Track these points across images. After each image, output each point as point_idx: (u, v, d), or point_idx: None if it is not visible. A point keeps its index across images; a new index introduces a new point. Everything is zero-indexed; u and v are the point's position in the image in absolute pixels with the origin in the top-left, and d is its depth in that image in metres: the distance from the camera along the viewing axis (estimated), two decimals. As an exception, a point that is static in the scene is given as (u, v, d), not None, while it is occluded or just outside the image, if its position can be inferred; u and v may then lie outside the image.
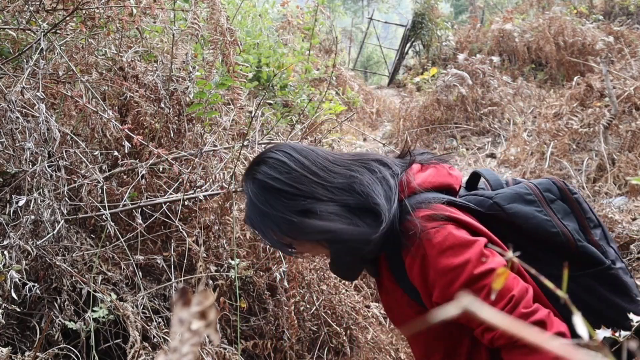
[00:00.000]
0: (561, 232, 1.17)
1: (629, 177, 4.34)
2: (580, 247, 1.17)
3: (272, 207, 1.18)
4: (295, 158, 1.20)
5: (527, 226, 1.19)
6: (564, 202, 1.24)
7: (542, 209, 1.20)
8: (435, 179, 1.23)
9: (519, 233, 1.20)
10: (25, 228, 1.96)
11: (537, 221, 1.18)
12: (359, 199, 1.17)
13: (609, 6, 9.77)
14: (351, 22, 21.11)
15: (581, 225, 1.22)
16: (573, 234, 1.18)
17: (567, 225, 1.19)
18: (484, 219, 1.22)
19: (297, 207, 1.17)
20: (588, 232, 1.21)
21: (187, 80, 2.70)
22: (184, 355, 0.46)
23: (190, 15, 2.76)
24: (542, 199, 1.22)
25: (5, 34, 2.46)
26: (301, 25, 6.08)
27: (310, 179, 1.18)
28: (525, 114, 6.92)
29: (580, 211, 1.24)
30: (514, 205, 1.20)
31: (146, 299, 2.23)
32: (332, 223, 1.14)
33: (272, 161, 1.21)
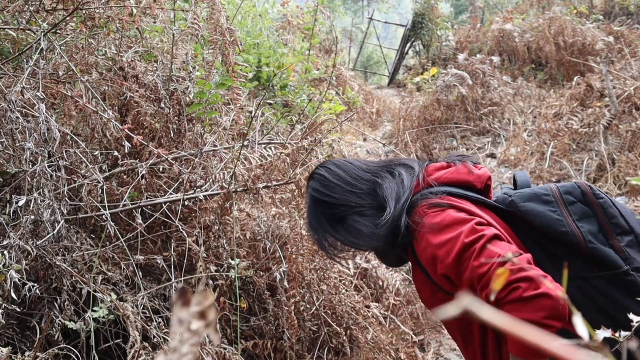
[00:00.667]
0: (571, 232, 1.21)
1: (629, 177, 4.34)
2: (591, 248, 1.20)
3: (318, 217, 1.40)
4: (334, 172, 1.41)
5: (537, 224, 1.24)
6: (586, 205, 1.27)
7: (556, 209, 1.25)
8: (452, 176, 1.33)
9: (534, 230, 1.26)
10: (25, 228, 1.96)
11: (548, 220, 1.23)
12: (379, 201, 1.33)
13: (609, 6, 9.77)
14: (351, 22, 21.11)
15: (602, 228, 1.24)
16: (585, 235, 1.22)
17: (581, 227, 1.23)
18: (505, 215, 1.31)
19: (334, 216, 1.37)
20: (610, 236, 1.23)
21: (187, 80, 2.69)
22: (183, 355, 0.46)
23: (190, 15, 2.76)
24: (559, 200, 1.27)
25: (5, 34, 2.46)
26: (301, 25, 6.08)
27: (344, 188, 1.37)
28: (525, 114, 6.92)
29: (603, 215, 1.26)
30: (528, 204, 1.27)
31: (146, 299, 2.23)
32: (355, 232, 1.33)
33: (316, 177, 1.43)
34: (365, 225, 1.33)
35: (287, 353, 2.55)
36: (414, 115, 7.22)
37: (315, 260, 2.76)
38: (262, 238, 2.67)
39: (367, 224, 1.33)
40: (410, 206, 1.29)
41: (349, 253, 1.56)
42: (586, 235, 1.22)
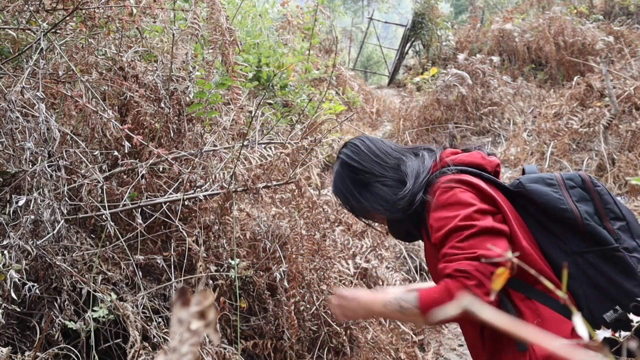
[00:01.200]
0: (570, 209, 1.37)
1: (628, 177, 4.34)
2: (587, 224, 1.35)
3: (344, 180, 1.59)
4: (366, 144, 1.60)
5: (541, 201, 1.40)
6: (584, 191, 1.42)
7: (558, 190, 1.41)
8: (467, 159, 1.50)
9: (537, 209, 1.41)
10: (25, 228, 1.96)
11: (550, 198, 1.39)
12: (401, 175, 1.53)
13: (609, 6, 9.77)
14: (351, 22, 21.11)
15: (597, 211, 1.39)
16: (582, 213, 1.37)
17: (579, 207, 1.38)
18: (511, 195, 1.46)
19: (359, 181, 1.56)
20: (604, 218, 1.38)
21: (187, 80, 2.69)
22: (183, 355, 0.46)
23: (190, 15, 2.76)
24: (562, 183, 1.43)
25: (5, 34, 2.46)
26: (301, 25, 6.08)
27: (372, 158, 1.57)
28: (525, 113, 6.92)
29: (599, 200, 1.41)
30: (534, 185, 1.43)
31: (146, 299, 2.23)
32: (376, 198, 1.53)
33: (350, 145, 1.62)
34: (387, 193, 1.51)
35: (287, 353, 2.55)
36: (414, 115, 7.22)
37: (315, 260, 2.76)
38: (262, 238, 2.67)
39: (388, 193, 1.51)
40: (427, 184, 1.47)
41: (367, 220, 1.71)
42: (583, 213, 1.37)
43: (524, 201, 1.44)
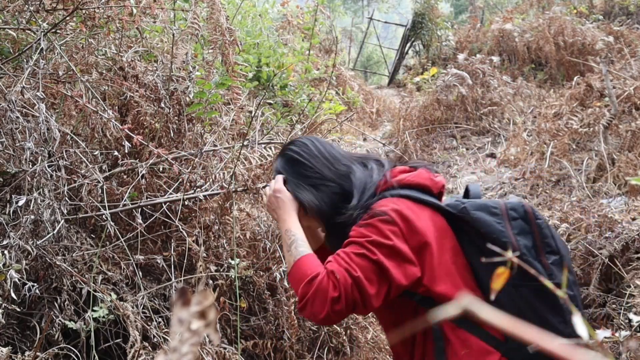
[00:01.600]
0: (510, 243, 1.37)
1: (628, 177, 4.34)
2: (525, 260, 1.35)
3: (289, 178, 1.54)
4: (317, 145, 1.56)
5: (484, 231, 1.40)
6: (525, 223, 1.43)
7: (501, 221, 1.41)
8: (413, 179, 1.47)
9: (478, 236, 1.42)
10: (25, 228, 1.96)
11: (493, 229, 1.40)
12: (349, 187, 1.50)
13: (608, 6, 9.77)
14: (351, 22, 21.10)
15: (535, 245, 1.40)
16: (521, 248, 1.38)
17: (519, 240, 1.39)
18: (454, 218, 1.45)
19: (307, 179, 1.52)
20: (540, 252, 1.40)
21: (187, 80, 2.69)
22: (183, 354, 0.46)
23: (190, 15, 2.76)
24: (505, 214, 1.43)
25: (5, 34, 2.46)
26: (301, 25, 6.08)
27: (323, 162, 1.52)
28: (525, 113, 6.92)
29: (538, 234, 1.42)
30: (478, 213, 1.42)
31: (146, 298, 2.24)
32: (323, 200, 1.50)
33: (299, 143, 1.58)
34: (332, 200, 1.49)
35: (287, 353, 2.55)
36: (414, 115, 7.22)
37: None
38: (262, 238, 2.67)
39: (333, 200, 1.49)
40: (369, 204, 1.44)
41: None
42: (522, 248, 1.38)
43: (466, 227, 1.44)
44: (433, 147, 6.89)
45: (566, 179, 4.90)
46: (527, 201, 1.59)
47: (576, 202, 4.02)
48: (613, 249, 3.21)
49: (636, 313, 2.71)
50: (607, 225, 3.37)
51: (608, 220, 3.41)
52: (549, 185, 4.91)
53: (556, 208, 4.07)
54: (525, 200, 4.91)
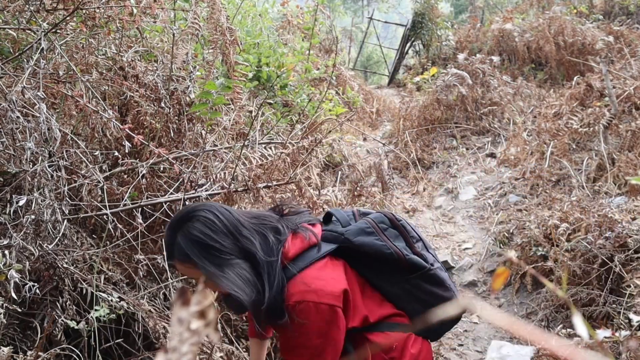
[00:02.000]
0: (394, 252, 1.61)
1: (628, 176, 4.35)
2: (409, 259, 1.62)
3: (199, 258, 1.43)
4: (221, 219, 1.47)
5: (370, 252, 1.60)
6: (394, 228, 1.67)
7: (378, 237, 1.63)
8: (302, 245, 1.56)
9: (366, 257, 1.61)
10: (26, 228, 1.96)
11: (376, 247, 1.61)
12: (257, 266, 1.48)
13: (608, 6, 9.77)
14: (351, 22, 21.09)
15: (407, 243, 1.66)
16: (402, 251, 1.62)
17: (397, 245, 1.63)
18: (342, 250, 1.61)
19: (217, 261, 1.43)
20: (412, 246, 1.65)
21: (187, 80, 2.70)
22: (183, 354, 0.46)
23: (191, 14, 2.76)
24: (378, 229, 1.64)
25: (5, 34, 2.46)
26: (301, 24, 6.08)
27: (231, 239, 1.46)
28: (525, 113, 6.92)
29: (405, 233, 1.67)
30: (359, 238, 1.62)
31: (146, 298, 2.24)
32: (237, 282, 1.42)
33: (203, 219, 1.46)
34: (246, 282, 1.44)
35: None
36: (414, 115, 7.22)
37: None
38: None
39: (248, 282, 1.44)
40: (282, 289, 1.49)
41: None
42: (402, 250, 1.62)
43: (353, 253, 1.62)
44: (433, 146, 6.89)
45: (566, 179, 4.90)
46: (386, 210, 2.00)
47: (576, 202, 4.02)
48: (613, 249, 3.21)
49: (636, 313, 2.71)
50: (607, 225, 3.37)
51: (608, 220, 3.41)
52: (549, 185, 4.91)
53: (556, 208, 4.07)
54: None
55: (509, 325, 0.40)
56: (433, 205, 5.71)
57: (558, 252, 3.44)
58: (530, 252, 3.79)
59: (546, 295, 3.54)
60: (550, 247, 3.62)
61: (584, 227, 3.48)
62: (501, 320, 0.40)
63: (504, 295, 3.96)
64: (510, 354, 3.02)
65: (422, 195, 5.97)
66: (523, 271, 3.83)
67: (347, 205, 3.69)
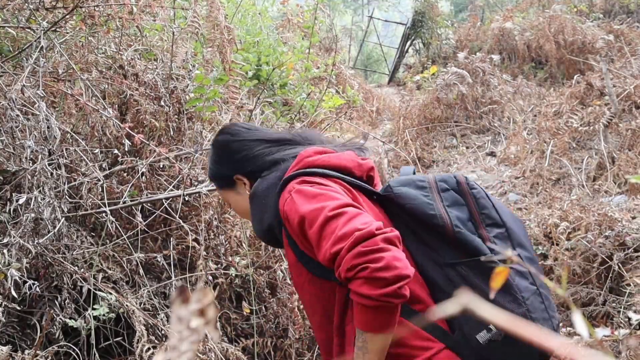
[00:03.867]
0: (439, 215, 1.25)
1: (628, 175, 4.35)
2: (457, 233, 1.23)
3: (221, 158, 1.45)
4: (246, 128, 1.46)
5: (409, 206, 1.27)
6: (459, 194, 1.30)
7: (428, 194, 1.28)
8: (330, 160, 1.31)
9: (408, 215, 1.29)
10: (26, 226, 1.96)
11: (418, 202, 1.26)
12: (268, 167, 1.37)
13: (609, 4, 9.75)
14: (351, 20, 21.08)
15: (472, 217, 1.28)
16: (453, 219, 1.24)
17: (450, 212, 1.26)
18: (382, 200, 1.34)
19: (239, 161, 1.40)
20: (480, 225, 1.27)
21: (187, 79, 2.69)
22: (183, 352, 0.46)
23: (190, 13, 2.76)
24: (434, 186, 1.30)
25: (5, 32, 2.46)
26: (301, 23, 6.08)
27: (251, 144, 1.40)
28: (525, 112, 6.92)
29: (474, 205, 1.29)
30: (402, 188, 1.30)
31: (146, 297, 2.24)
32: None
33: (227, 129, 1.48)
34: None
35: (287, 351, 2.55)
36: (414, 113, 7.22)
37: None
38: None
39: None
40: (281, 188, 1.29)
41: None
42: (454, 220, 1.24)
43: (394, 208, 1.32)
44: (433, 145, 6.89)
45: (566, 178, 4.90)
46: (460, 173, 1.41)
47: (576, 201, 4.02)
48: (613, 248, 3.21)
49: (636, 311, 2.71)
50: (607, 224, 3.37)
51: (608, 218, 3.41)
52: (549, 184, 4.91)
53: (556, 207, 4.07)
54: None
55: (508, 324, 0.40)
56: (433, 204, 5.70)
57: (558, 251, 3.43)
58: (530, 250, 3.79)
59: (546, 294, 3.53)
60: (550, 246, 3.61)
61: (584, 226, 3.48)
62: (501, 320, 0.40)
63: (504, 294, 3.95)
64: (510, 353, 3.01)
65: (422, 194, 5.96)
66: (523, 270, 3.82)
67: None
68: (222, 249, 2.52)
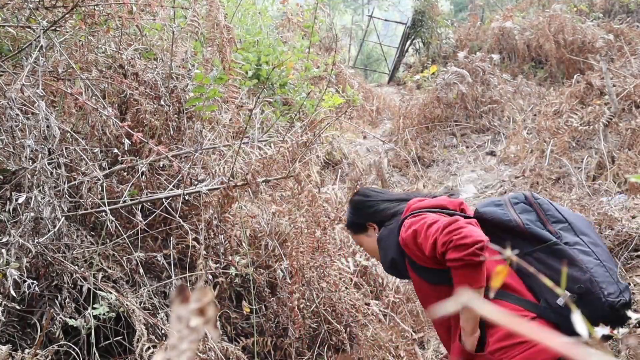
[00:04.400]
0: (513, 219, 1.68)
1: (628, 174, 4.35)
2: (528, 228, 1.65)
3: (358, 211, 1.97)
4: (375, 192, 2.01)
5: (491, 219, 1.72)
6: (526, 204, 1.73)
7: (504, 208, 1.73)
8: (431, 202, 1.77)
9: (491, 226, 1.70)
10: (25, 226, 1.96)
11: (497, 215, 1.72)
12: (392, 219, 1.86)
13: (609, 4, 9.75)
14: (351, 20, 21.06)
15: (539, 218, 1.69)
16: (524, 221, 1.67)
17: (521, 216, 1.69)
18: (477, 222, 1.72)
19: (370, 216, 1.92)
20: (546, 222, 1.67)
21: (187, 78, 2.69)
22: (182, 352, 0.46)
23: (190, 12, 2.75)
24: (507, 202, 1.75)
25: (5, 32, 2.46)
26: (301, 22, 6.08)
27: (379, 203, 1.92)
28: (525, 111, 6.92)
29: (540, 210, 1.70)
30: (486, 208, 1.77)
31: (146, 296, 2.24)
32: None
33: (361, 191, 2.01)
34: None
35: (287, 350, 2.55)
36: (414, 113, 7.21)
37: (315, 257, 2.76)
38: (262, 235, 2.67)
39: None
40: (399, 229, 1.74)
41: None
42: (524, 220, 1.67)
43: (483, 224, 1.69)
44: (433, 145, 6.89)
45: (566, 177, 4.90)
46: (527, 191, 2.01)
47: (576, 200, 4.02)
48: (612, 247, 3.21)
49: (635, 311, 2.71)
50: (607, 223, 3.37)
51: (608, 218, 3.41)
52: (549, 183, 4.91)
53: (556, 206, 4.06)
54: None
55: (508, 323, 0.40)
56: (433, 203, 5.71)
57: (558, 250, 3.43)
58: (530, 250, 3.79)
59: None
60: (549, 245, 3.61)
61: (583, 225, 3.47)
62: (501, 319, 0.40)
63: (504, 293, 3.95)
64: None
65: (421, 194, 5.96)
66: (523, 269, 3.82)
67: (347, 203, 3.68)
68: (222, 249, 2.52)
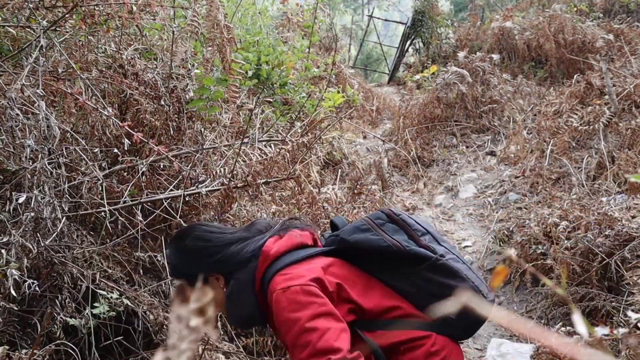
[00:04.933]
0: (391, 244, 1.57)
1: (628, 174, 4.35)
2: (410, 250, 1.57)
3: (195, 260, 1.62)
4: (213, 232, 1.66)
5: (367, 247, 1.58)
6: (392, 223, 1.64)
7: (374, 232, 1.60)
8: (288, 243, 1.59)
9: (366, 254, 1.59)
10: (26, 226, 1.96)
11: (372, 242, 1.58)
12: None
13: (609, 4, 9.75)
14: (351, 20, 21.07)
15: (410, 236, 1.62)
16: (402, 243, 1.58)
17: (396, 238, 1.58)
18: (340, 252, 1.61)
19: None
20: (416, 239, 1.61)
21: (187, 78, 2.69)
22: (182, 351, 0.46)
23: (190, 12, 2.75)
24: (374, 224, 1.63)
25: (5, 32, 2.46)
26: (301, 22, 6.07)
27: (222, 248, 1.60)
28: (525, 111, 6.92)
29: (406, 226, 1.63)
30: (354, 236, 1.61)
31: (146, 295, 2.24)
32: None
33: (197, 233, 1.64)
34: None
35: (286, 351, 2.55)
36: (414, 113, 7.21)
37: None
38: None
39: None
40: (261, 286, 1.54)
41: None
42: (402, 242, 1.57)
43: (353, 251, 1.60)
44: (433, 144, 6.89)
45: (566, 177, 4.90)
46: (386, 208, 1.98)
47: (576, 200, 4.02)
48: (612, 247, 3.21)
49: (635, 310, 2.71)
50: (607, 223, 3.37)
51: (608, 218, 3.41)
52: (549, 183, 4.91)
53: (556, 206, 4.07)
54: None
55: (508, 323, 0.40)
56: (433, 203, 5.71)
57: (558, 250, 3.44)
58: (530, 250, 3.79)
59: (546, 293, 3.54)
60: (550, 245, 3.62)
61: (583, 225, 3.48)
62: (501, 318, 0.40)
63: (504, 293, 3.96)
64: (510, 352, 3.02)
65: (422, 193, 5.97)
66: (523, 269, 3.83)
67: (347, 203, 3.68)
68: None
